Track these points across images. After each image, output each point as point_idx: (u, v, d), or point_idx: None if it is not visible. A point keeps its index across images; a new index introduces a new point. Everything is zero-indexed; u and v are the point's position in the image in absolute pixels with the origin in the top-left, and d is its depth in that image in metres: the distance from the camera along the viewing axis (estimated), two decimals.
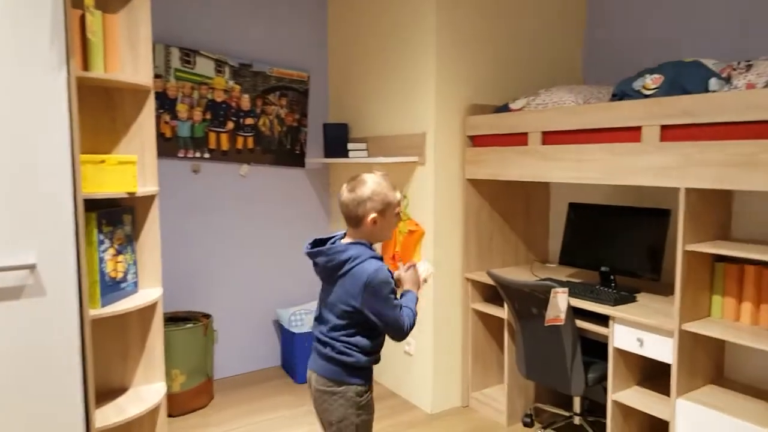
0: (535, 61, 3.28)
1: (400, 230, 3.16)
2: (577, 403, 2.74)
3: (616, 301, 2.42)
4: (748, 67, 2.19)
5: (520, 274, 3.00)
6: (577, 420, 2.73)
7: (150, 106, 2.23)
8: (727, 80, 2.19)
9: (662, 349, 2.21)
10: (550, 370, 2.56)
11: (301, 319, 3.50)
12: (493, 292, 3.11)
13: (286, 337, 3.60)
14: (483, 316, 3.11)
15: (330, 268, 1.71)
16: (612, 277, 2.69)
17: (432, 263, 2.79)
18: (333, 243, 1.76)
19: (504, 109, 2.98)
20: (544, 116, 2.66)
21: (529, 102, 2.86)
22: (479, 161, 3.00)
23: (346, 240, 1.75)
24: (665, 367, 2.48)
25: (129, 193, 2.08)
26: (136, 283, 2.25)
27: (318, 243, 1.78)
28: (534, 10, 3.24)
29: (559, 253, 3.02)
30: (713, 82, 2.18)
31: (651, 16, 3.06)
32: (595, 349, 2.66)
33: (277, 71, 3.59)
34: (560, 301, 2.36)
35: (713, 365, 2.33)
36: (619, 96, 2.41)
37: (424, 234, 3.05)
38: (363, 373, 1.73)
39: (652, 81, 2.29)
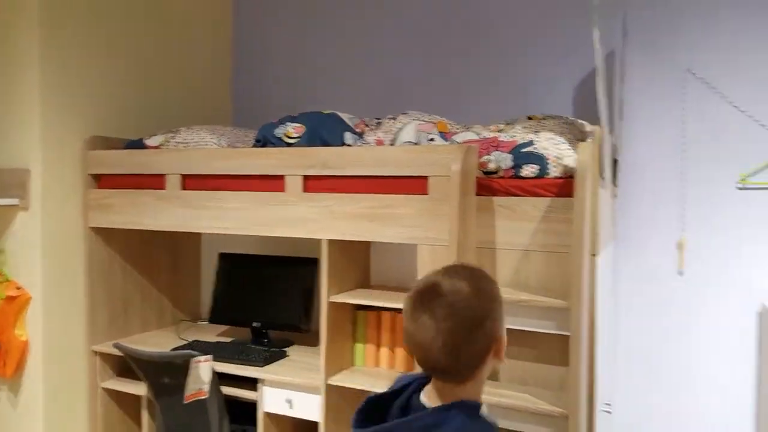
0: (177, 93, 3.04)
1: None
2: None
3: (266, 360, 2.34)
4: (378, 124, 2.44)
5: (164, 339, 2.68)
6: None
7: None
8: (360, 135, 2.38)
9: (311, 408, 2.22)
10: None
11: None
12: (129, 365, 2.69)
13: None
14: (117, 396, 2.65)
15: None
16: (265, 332, 2.62)
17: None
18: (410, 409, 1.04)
19: (138, 144, 2.65)
20: (184, 157, 2.44)
21: (168, 139, 2.61)
22: (107, 206, 2.57)
23: (437, 401, 1.04)
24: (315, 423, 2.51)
25: None
26: None
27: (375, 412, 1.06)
28: (173, 35, 3.02)
29: (210, 311, 2.82)
30: (348, 136, 2.34)
31: (293, 63, 3.21)
32: (247, 413, 2.53)
33: None
34: (202, 372, 2.15)
35: None
36: (262, 142, 2.37)
37: (30, 300, 2.44)
38: None
39: (293, 129, 2.33)
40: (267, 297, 2.65)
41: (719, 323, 2.45)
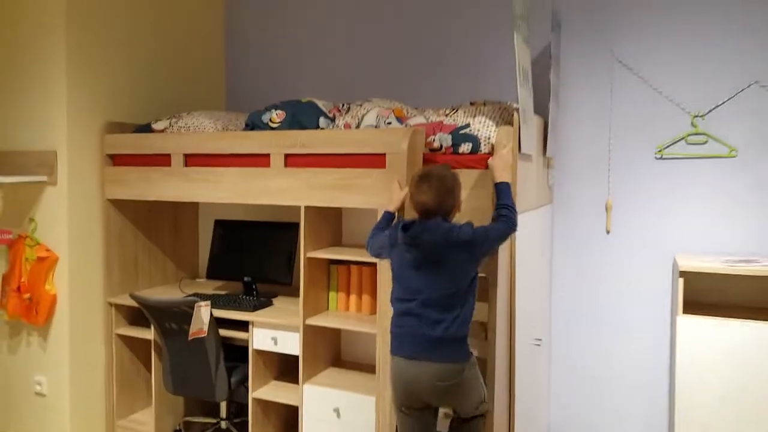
0: (179, 83, 3.57)
1: (28, 257, 3.00)
2: (223, 408, 3.10)
3: (255, 307, 2.88)
4: (348, 109, 2.95)
5: (168, 293, 3.21)
6: (224, 424, 3.09)
7: None
8: (333, 119, 2.90)
9: (292, 344, 2.76)
10: (195, 382, 2.85)
11: None
12: (139, 315, 3.23)
13: None
14: (129, 341, 3.20)
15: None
16: (254, 286, 3.16)
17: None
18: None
19: (146, 129, 3.17)
20: (186, 139, 2.96)
21: (171, 124, 3.13)
22: (121, 181, 3.11)
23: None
24: (296, 359, 3.05)
25: None
26: None
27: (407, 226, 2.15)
28: (173, 33, 3.54)
29: (206, 268, 3.37)
30: (322, 121, 2.85)
31: (277, 54, 3.73)
32: (239, 354, 3.06)
33: None
34: (203, 314, 2.69)
35: (332, 351, 3.00)
36: (250, 126, 2.90)
37: (57, 260, 2.98)
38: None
39: (276, 116, 2.85)
40: (256, 256, 3.19)
41: (640, 274, 3.01)
